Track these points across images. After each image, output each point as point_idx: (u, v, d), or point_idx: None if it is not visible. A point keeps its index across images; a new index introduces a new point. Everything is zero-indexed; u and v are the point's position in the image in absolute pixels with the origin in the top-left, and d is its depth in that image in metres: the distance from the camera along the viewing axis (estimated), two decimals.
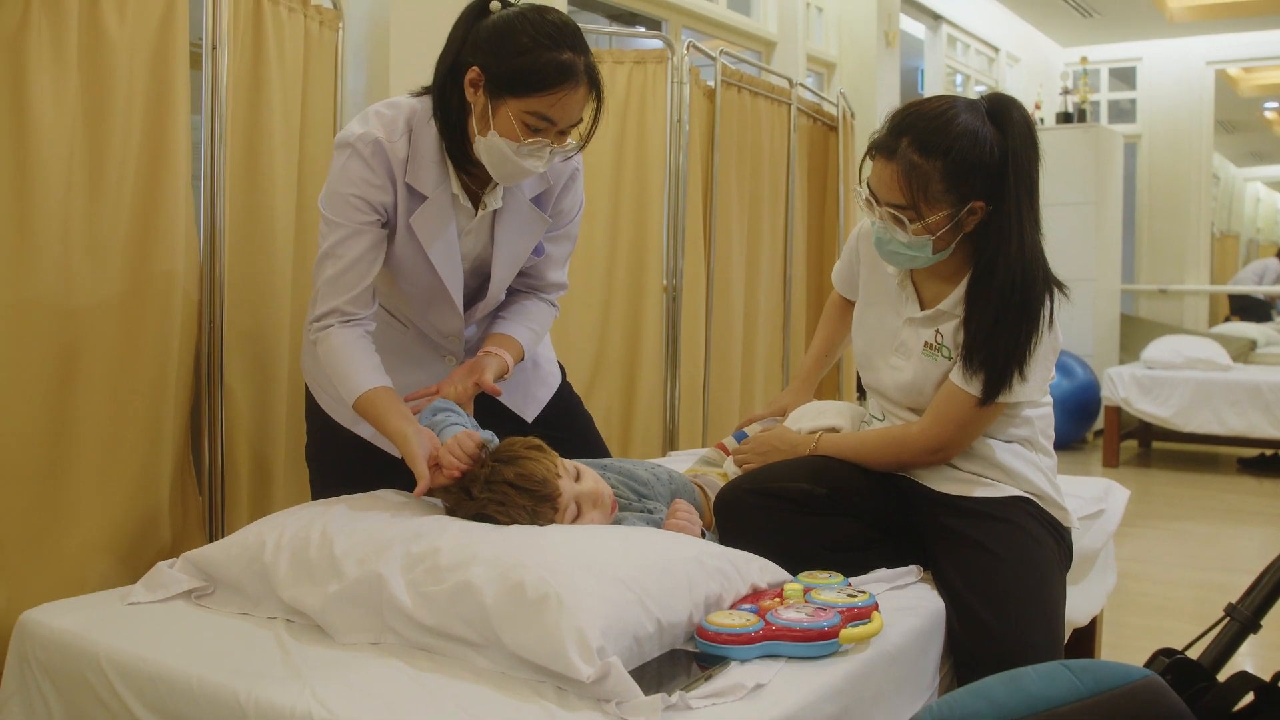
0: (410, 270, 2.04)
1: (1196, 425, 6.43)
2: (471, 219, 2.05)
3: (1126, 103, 8.95)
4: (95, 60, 2.08)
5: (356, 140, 1.93)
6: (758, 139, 4.30)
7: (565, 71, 1.84)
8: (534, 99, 1.85)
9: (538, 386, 2.32)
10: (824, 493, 1.95)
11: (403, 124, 1.96)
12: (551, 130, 1.89)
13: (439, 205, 1.99)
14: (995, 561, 1.87)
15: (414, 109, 1.98)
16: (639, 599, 1.46)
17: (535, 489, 1.76)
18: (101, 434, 2.13)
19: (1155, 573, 4.20)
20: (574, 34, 1.88)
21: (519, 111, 1.86)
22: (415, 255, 2.01)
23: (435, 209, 1.98)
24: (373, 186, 1.94)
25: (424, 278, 2.04)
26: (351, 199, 1.94)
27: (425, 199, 1.98)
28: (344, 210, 1.95)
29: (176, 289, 2.24)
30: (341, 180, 1.94)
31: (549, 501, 1.76)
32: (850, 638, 1.53)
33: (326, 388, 2.15)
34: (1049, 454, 2.08)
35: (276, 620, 1.64)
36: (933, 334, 2.00)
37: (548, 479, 1.77)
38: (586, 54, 1.89)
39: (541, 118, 1.86)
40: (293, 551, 1.66)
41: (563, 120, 1.89)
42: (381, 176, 1.94)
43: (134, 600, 1.71)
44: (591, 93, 1.91)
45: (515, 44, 1.85)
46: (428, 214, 1.98)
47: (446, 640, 1.47)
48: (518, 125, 1.86)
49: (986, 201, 1.88)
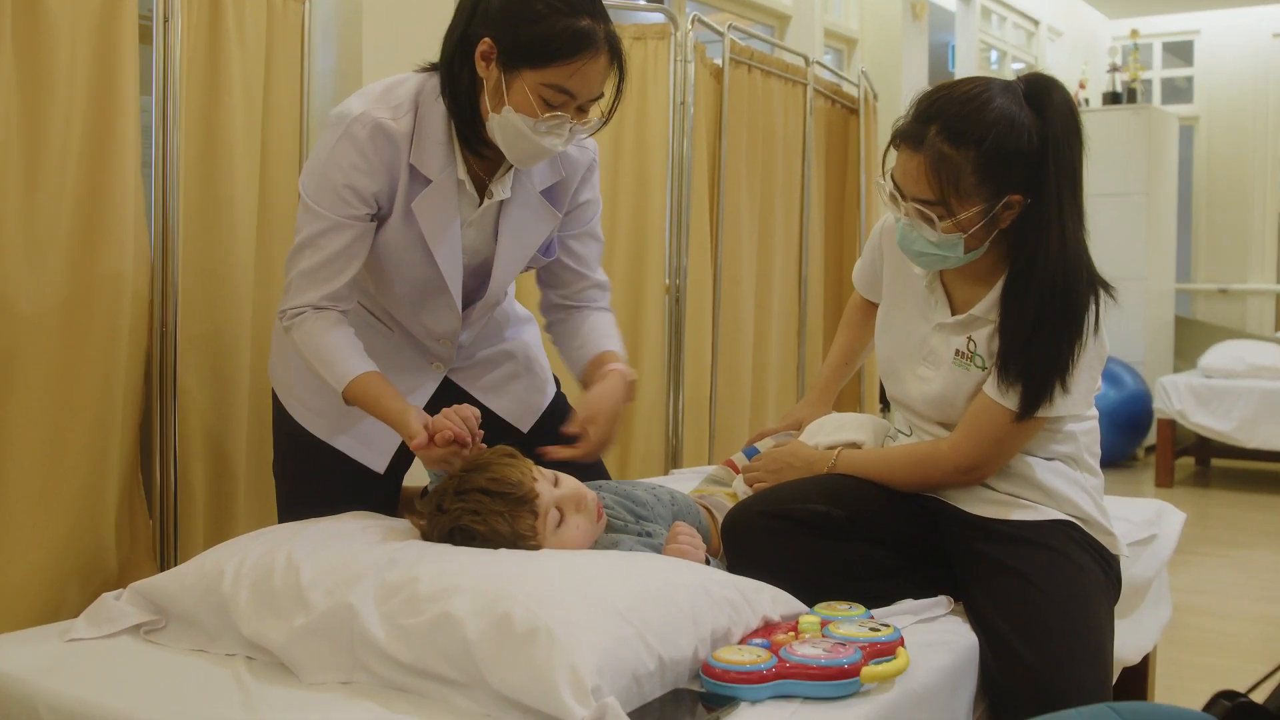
0: (405, 262, 2.05)
1: (1260, 441, 6.44)
2: (475, 209, 2.06)
3: (1182, 81, 8.97)
4: (32, 35, 2.09)
5: (354, 121, 1.94)
6: (770, 123, 4.31)
7: (584, 39, 1.86)
8: (552, 69, 1.87)
9: (534, 394, 2.33)
10: (843, 515, 1.95)
11: (408, 101, 1.98)
12: (571, 104, 1.91)
13: (444, 190, 2.00)
14: (1035, 592, 1.88)
15: (421, 85, 2.00)
16: (639, 633, 1.46)
17: (509, 491, 1.77)
18: (39, 451, 2.14)
19: (1215, 605, 4.21)
20: (593, 0, 1.90)
21: (535, 84, 1.87)
22: (413, 246, 2.03)
23: (440, 194, 2.00)
24: (365, 175, 1.95)
25: (420, 271, 2.06)
26: (340, 189, 1.95)
27: (429, 183, 1.99)
28: (329, 200, 1.96)
29: (125, 288, 2.25)
30: (330, 165, 1.95)
31: (526, 505, 1.78)
32: (873, 676, 1.53)
33: (299, 394, 2.17)
34: (1095, 473, 2.08)
35: (236, 658, 1.64)
36: (965, 341, 2.01)
37: (522, 481, 1.79)
38: (606, 21, 1.91)
39: (560, 90, 1.88)
40: (254, 581, 1.67)
41: (583, 93, 1.91)
42: (377, 163, 1.95)
43: (75, 636, 1.71)
44: (613, 63, 1.93)
45: (529, 11, 1.86)
46: (431, 199, 1.99)
47: (425, 679, 1.48)
48: (535, 99, 1.88)
49: (1024, 194, 1.89)
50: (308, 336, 2.00)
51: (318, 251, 1.98)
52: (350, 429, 2.15)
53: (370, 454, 2.17)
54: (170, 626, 1.73)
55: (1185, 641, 3.69)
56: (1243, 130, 8.59)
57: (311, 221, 1.98)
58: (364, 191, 1.96)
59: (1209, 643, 3.73)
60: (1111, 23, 8.95)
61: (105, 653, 1.67)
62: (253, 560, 1.71)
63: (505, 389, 2.27)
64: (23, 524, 2.11)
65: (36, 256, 2.11)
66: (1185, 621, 3.87)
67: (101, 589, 2.12)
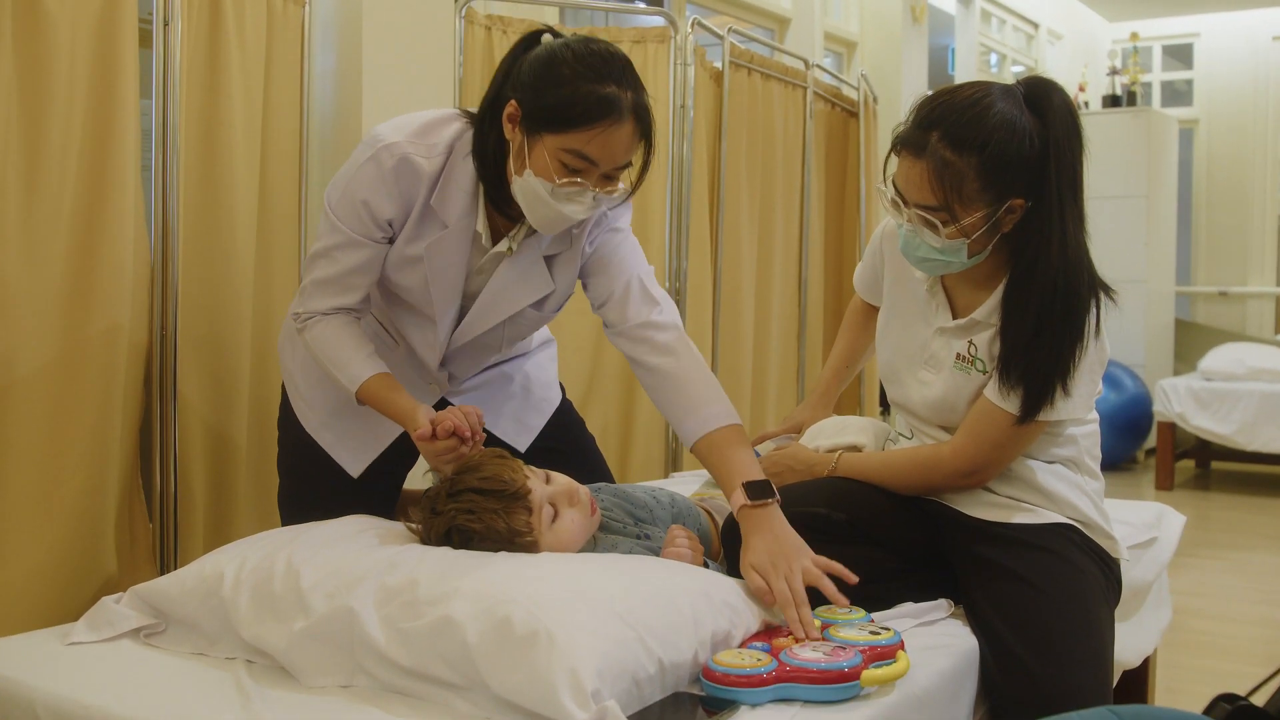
0: (403, 289, 2.08)
1: (1261, 444, 6.44)
2: (483, 257, 2.07)
3: (1182, 84, 8.98)
4: (32, 38, 2.09)
5: (383, 149, 1.95)
6: (770, 126, 4.31)
7: (607, 105, 1.84)
8: (571, 134, 1.85)
9: (530, 414, 2.34)
10: (844, 518, 1.96)
11: (444, 145, 1.98)
12: (593, 172, 1.88)
13: (458, 238, 2.01)
14: (1035, 595, 1.88)
15: (460, 134, 2.00)
16: (639, 636, 1.47)
17: (502, 489, 1.79)
18: (38, 454, 2.14)
19: (1215, 608, 4.21)
20: (622, 66, 1.88)
21: (555, 149, 1.86)
22: (412, 277, 2.05)
23: (453, 241, 2.01)
24: (384, 198, 1.97)
25: (416, 300, 2.08)
26: (359, 207, 1.97)
27: (445, 228, 2.00)
28: (349, 216, 1.99)
29: (124, 292, 2.25)
30: (355, 181, 1.97)
31: (520, 501, 1.79)
32: (873, 679, 1.53)
33: (299, 385, 2.19)
34: (1095, 476, 2.08)
35: (236, 661, 1.64)
36: (966, 345, 2.01)
37: (514, 478, 1.80)
38: (635, 89, 1.88)
39: (580, 156, 1.86)
40: (254, 585, 1.67)
41: (604, 161, 1.88)
42: (395, 191, 1.97)
43: (75, 640, 1.71)
44: (639, 132, 1.90)
45: (555, 75, 1.85)
46: (443, 245, 2.01)
47: (425, 682, 1.48)
48: (553, 163, 1.86)
49: (1026, 198, 1.89)
50: (320, 337, 2.03)
51: (333, 264, 2.01)
52: (335, 427, 2.17)
53: (347, 455, 2.18)
54: (170, 630, 1.73)
55: (1185, 644, 3.69)
56: (1242, 133, 8.60)
57: (330, 233, 2.01)
58: (379, 214, 1.98)
59: (1209, 646, 3.73)
60: (1111, 25, 8.96)
61: (105, 656, 1.67)
62: (253, 564, 1.71)
63: (502, 409, 2.28)
64: (23, 527, 2.11)
65: (37, 259, 2.12)
66: (1185, 624, 3.87)
67: (101, 592, 2.12)
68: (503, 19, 3.39)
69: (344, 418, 2.15)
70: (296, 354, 2.19)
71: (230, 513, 2.57)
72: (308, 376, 2.17)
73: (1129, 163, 7.36)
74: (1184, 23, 8.76)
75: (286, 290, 2.70)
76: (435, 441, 1.89)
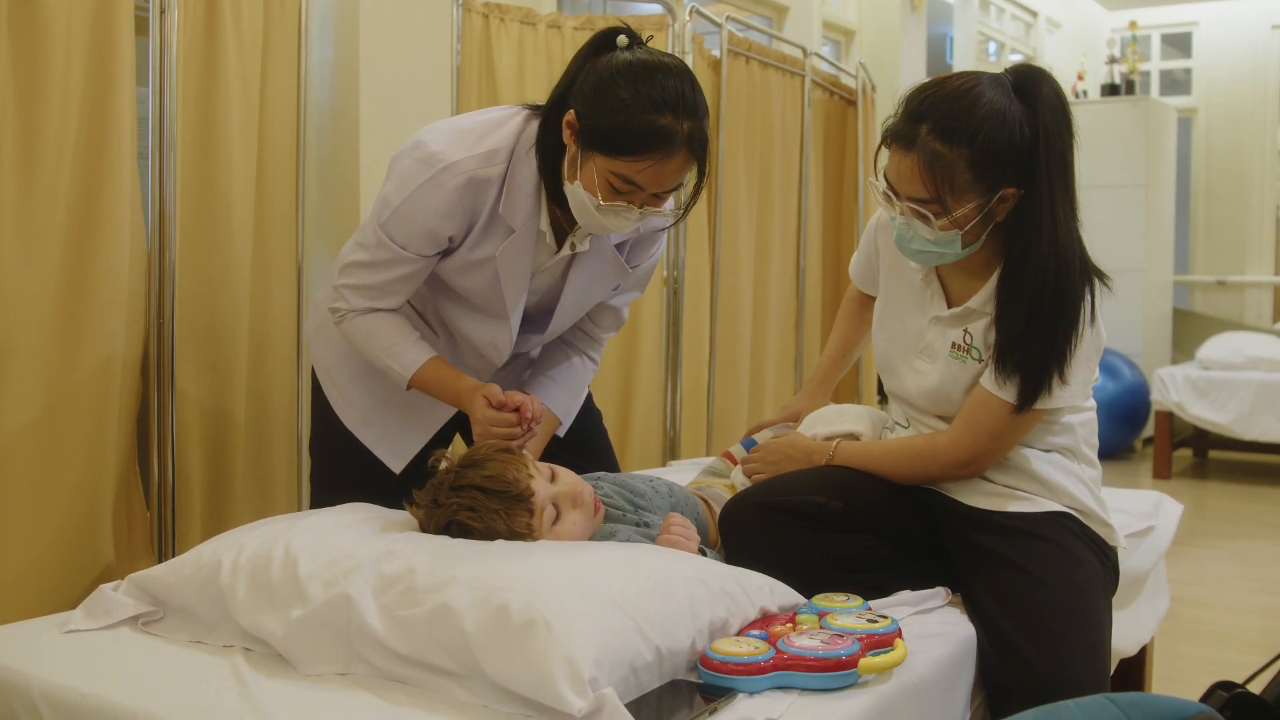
0: (468, 291, 2.07)
1: (1258, 433, 6.45)
2: (551, 256, 2.08)
3: (1181, 72, 8.97)
4: (27, 25, 2.09)
5: (443, 172, 1.93)
6: (768, 114, 4.30)
7: (660, 138, 1.84)
8: (621, 161, 1.85)
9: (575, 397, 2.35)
10: (841, 506, 1.96)
11: (505, 149, 1.98)
12: (639, 195, 1.90)
13: (524, 238, 2.02)
14: (1033, 584, 1.88)
15: (520, 131, 2.00)
16: (636, 624, 1.47)
17: (505, 490, 1.78)
18: (36, 443, 2.14)
19: (1212, 597, 4.21)
20: (681, 94, 1.87)
21: (604, 169, 1.87)
22: (479, 278, 2.05)
23: (520, 244, 2.02)
24: (448, 220, 1.96)
25: (483, 301, 2.08)
26: (419, 232, 1.96)
27: (513, 232, 2.00)
28: (406, 236, 1.97)
29: (121, 282, 2.25)
30: (414, 205, 1.95)
31: (522, 503, 1.78)
32: (870, 668, 1.53)
33: (336, 380, 2.19)
34: (1093, 464, 2.09)
35: (233, 649, 1.64)
36: (961, 334, 2.01)
37: (518, 479, 1.79)
38: (693, 118, 1.88)
39: (627, 181, 1.87)
40: (252, 572, 1.67)
41: (652, 187, 1.89)
42: (459, 211, 1.96)
43: (73, 628, 1.71)
44: (692, 160, 1.91)
45: (613, 99, 1.85)
46: (514, 248, 2.01)
47: (423, 670, 1.48)
48: (601, 183, 1.88)
49: (1018, 187, 1.89)
50: (362, 328, 2.04)
51: (377, 273, 2.00)
52: (377, 424, 2.17)
53: (389, 453, 2.19)
54: (168, 618, 1.73)
55: (1182, 633, 3.69)
56: (1241, 122, 8.59)
57: (378, 247, 1.99)
58: (440, 235, 1.98)
59: (1206, 634, 3.74)
60: (1110, 14, 8.95)
61: (103, 644, 1.67)
62: (250, 552, 1.71)
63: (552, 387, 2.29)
64: (20, 516, 2.12)
65: (33, 248, 2.11)
66: (1183, 613, 3.88)
67: (99, 580, 2.12)
68: (500, 6, 3.38)
69: (386, 414, 2.16)
70: (331, 346, 2.18)
71: (228, 501, 2.57)
72: (348, 370, 2.17)
73: (1127, 152, 7.36)
74: (1183, 11, 8.75)
75: (283, 278, 2.70)
76: (499, 411, 1.93)
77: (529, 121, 2.01)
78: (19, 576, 2.11)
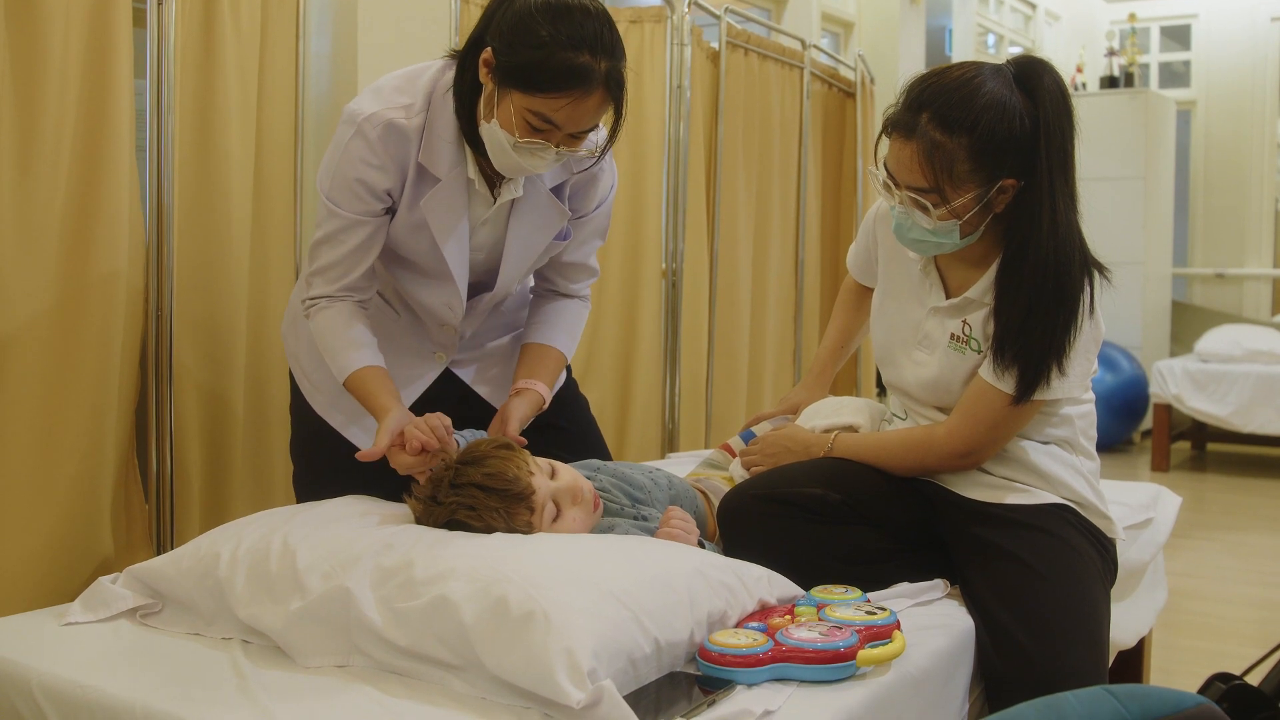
0: (414, 254, 2.07)
1: (1257, 425, 6.45)
2: (489, 207, 2.07)
3: (1180, 65, 8.96)
4: (25, 18, 2.08)
5: (364, 121, 1.95)
6: (767, 106, 4.30)
7: (577, 76, 1.84)
8: (538, 99, 1.85)
9: None
10: (839, 499, 1.96)
11: (421, 99, 1.98)
12: (556, 134, 1.89)
13: (452, 189, 2.01)
14: (1031, 576, 1.88)
15: (437, 78, 2.00)
16: (635, 616, 1.47)
17: (505, 488, 1.78)
18: (35, 435, 2.13)
19: (1210, 589, 4.22)
20: (600, 35, 1.86)
21: (521, 107, 1.87)
22: (422, 239, 2.04)
23: (448, 193, 2.01)
24: (378, 170, 1.97)
25: (429, 263, 2.07)
26: (354, 185, 1.97)
27: (439, 181, 2.00)
28: (345, 198, 1.98)
29: (119, 273, 2.24)
30: (344, 161, 1.97)
31: (523, 501, 1.78)
32: (869, 659, 1.54)
33: (305, 369, 2.19)
34: (1091, 457, 2.09)
35: (232, 641, 1.65)
36: (960, 325, 2.01)
37: (519, 477, 1.79)
38: (611, 58, 1.87)
39: (544, 119, 1.87)
40: (250, 565, 1.67)
41: (569, 126, 1.89)
42: (386, 160, 1.97)
43: (71, 620, 1.71)
44: (609, 100, 1.90)
45: (532, 35, 1.84)
46: (440, 198, 2.01)
47: (421, 662, 1.48)
48: (517, 121, 1.87)
49: (1017, 178, 1.89)
50: (321, 325, 2.03)
51: (336, 247, 2.01)
52: (345, 406, 2.16)
53: (362, 434, 2.17)
54: (166, 610, 1.73)
55: (1180, 625, 3.70)
56: (1240, 115, 8.57)
57: (329, 219, 2.00)
58: (377, 187, 1.98)
59: (1204, 626, 3.74)
60: (1109, 6, 8.93)
61: (101, 636, 1.67)
62: (249, 544, 1.71)
63: (506, 386, 2.27)
64: (19, 508, 2.11)
65: (31, 241, 2.11)
66: (1181, 605, 3.89)
67: (97, 573, 2.12)
68: None
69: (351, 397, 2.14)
70: (301, 338, 2.19)
71: (226, 493, 2.57)
72: (312, 357, 2.16)
73: (1126, 144, 7.35)
74: (1182, 3, 8.73)
75: (282, 270, 2.69)
76: (403, 455, 1.88)
77: (447, 68, 2.01)
78: (17, 568, 2.11)
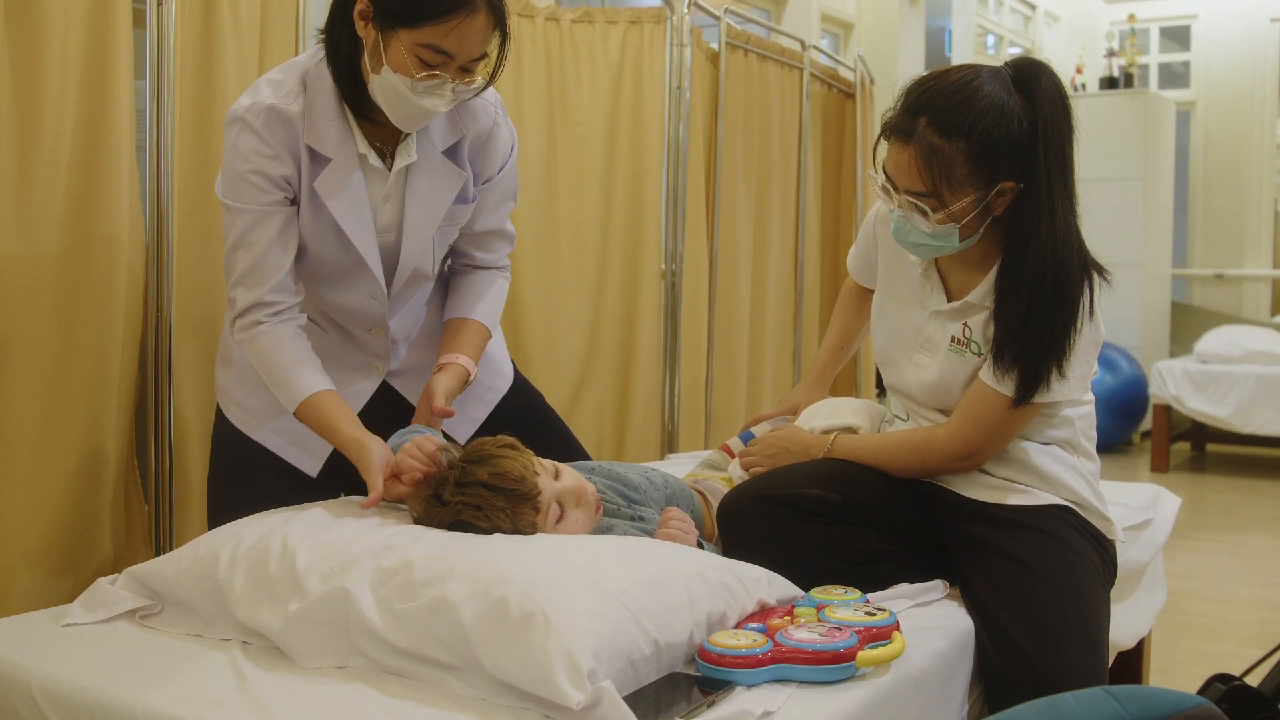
0: (322, 247, 2.03)
1: (1256, 426, 6.45)
2: (386, 182, 2.04)
3: (1179, 66, 8.96)
4: (25, 19, 2.08)
5: (245, 112, 1.93)
6: (766, 107, 4.30)
7: None
8: (427, 28, 1.85)
9: (473, 405, 2.29)
10: (839, 500, 1.96)
11: (295, 82, 1.97)
12: (451, 64, 1.88)
13: (344, 167, 1.99)
14: (1031, 576, 1.88)
15: (309, 61, 1.99)
16: (634, 617, 1.47)
17: (513, 488, 1.77)
18: (33, 434, 2.13)
19: (1210, 590, 4.22)
20: None
21: (411, 44, 1.86)
22: (325, 228, 2.01)
23: (341, 171, 1.98)
24: (270, 159, 1.94)
25: (337, 253, 2.04)
26: (250, 177, 1.94)
27: (329, 161, 1.98)
28: (245, 192, 1.95)
29: (119, 273, 2.24)
30: (235, 158, 1.94)
31: (529, 501, 1.78)
32: (868, 660, 1.54)
33: (235, 395, 2.14)
34: (1091, 458, 2.09)
35: (231, 642, 1.64)
36: (960, 328, 2.01)
37: (525, 476, 1.79)
38: None
39: (437, 50, 1.86)
40: (250, 566, 1.67)
41: (461, 53, 1.88)
42: (277, 146, 1.94)
43: (70, 621, 1.71)
44: (494, 22, 1.90)
45: None
46: (332, 177, 1.98)
47: (421, 663, 1.48)
48: (411, 59, 1.86)
49: (1016, 181, 1.89)
50: (260, 353, 1.97)
51: (250, 249, 1.96)
52: (284, 430, 2.11)
53: (303, 456, 2.13)
54: (165, 611, 1.73)
55: (1180, 626, 3.70)
56: (1240, 115, 8.58)
57: (236, 221, 1.96)
58: (274, 175, 1.95)
59: (1204, 627, 3.74)
60: (1109, 7, 8.94)
61: (100, 638, 1.67)
62: (248, 545, 1.71)
63: None
64: (18, 509, 2.11)
65: (31, 241, 2.11)
66: (1180, 606, 3.89)
67: (97, 574, 2.12)
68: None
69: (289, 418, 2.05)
70: (231, 368, 2.14)
71: None
72: (246, 385, 2.11)
73: (1126, 145, 7.36)
74: (1182, 4, 8.74)
75: None
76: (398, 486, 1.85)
77: (317, 51, 1.99)
78: (16, 569, 2.11)
